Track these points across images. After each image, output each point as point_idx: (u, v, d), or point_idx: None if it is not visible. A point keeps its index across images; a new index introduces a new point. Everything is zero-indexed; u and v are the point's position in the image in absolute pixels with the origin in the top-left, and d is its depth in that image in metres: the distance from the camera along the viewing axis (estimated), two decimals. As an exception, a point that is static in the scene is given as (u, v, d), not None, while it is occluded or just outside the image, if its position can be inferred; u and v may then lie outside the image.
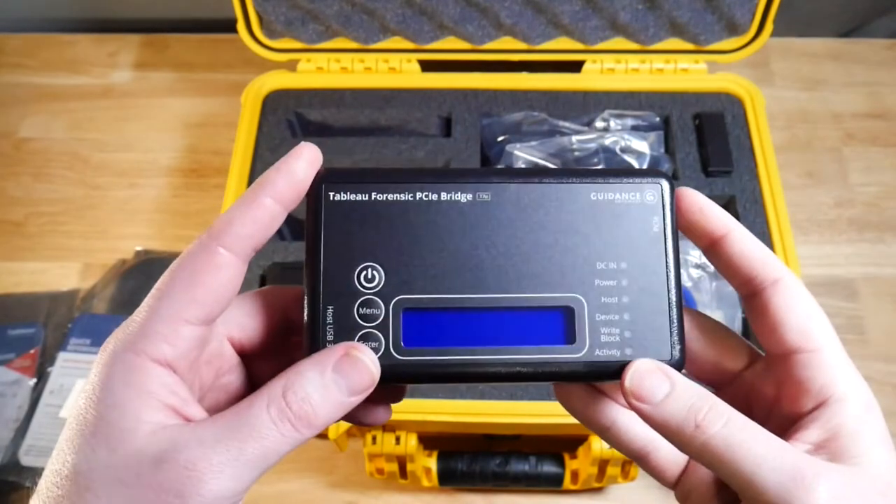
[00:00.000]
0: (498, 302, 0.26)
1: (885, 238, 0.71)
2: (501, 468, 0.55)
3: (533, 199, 0.26)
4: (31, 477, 0.56)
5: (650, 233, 0.27)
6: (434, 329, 0.26)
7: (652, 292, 0.26)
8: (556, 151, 0.65)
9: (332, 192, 0.26)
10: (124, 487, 0.22)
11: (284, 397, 0.23)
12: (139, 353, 0.23)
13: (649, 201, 0.27)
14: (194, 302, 0.24)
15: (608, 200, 0.27)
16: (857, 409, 0.25)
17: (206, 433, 0.23)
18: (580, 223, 0.26)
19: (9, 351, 0.63)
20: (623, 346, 0.26)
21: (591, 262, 0.26)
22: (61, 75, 0.83)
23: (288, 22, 0.65)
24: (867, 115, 0.78)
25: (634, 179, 0.27)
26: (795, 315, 0.26)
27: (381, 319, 0.26)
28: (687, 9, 0.64)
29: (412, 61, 0.67)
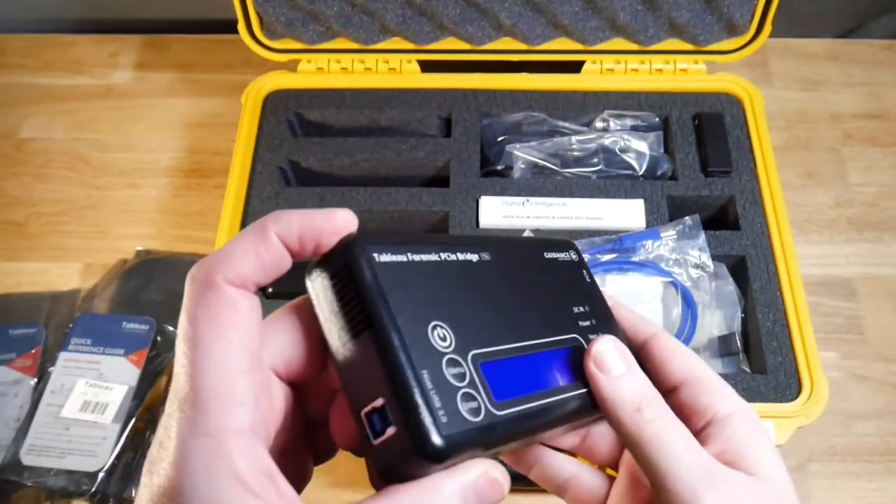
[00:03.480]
0: (539, 346, 0.28)
1: (884, 238, 0.71)
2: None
3: (516, 257, 0.30)
4: (32, 476, 0.56)
5: (585, 281, 0.33)
6: (511, 378, 0.26)
7: (607, 327, 0.32)
8: (555, 151, 0.65)
9: (376, 254, 0.24)
10: None
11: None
12: (213, 434, 0.21)
13: (574, 259, 0.33)
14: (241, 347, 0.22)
15: (555, 259, 0.32)
16: (743, 423, 0.28)
17: None
18: (549, 275, 0.31)
19: (10, 351, 0.63)
20: None
21: (569, 306, 0.31)
22: (62, 76, 0.83)
23: (288, 22, 0.65)
24: (866, 115, 0.78)
25: (557, 243, 0.33)
26: (675, 356, 0.30)
27: (469, 377, 0.24)
28: (686, 9, 0.64)
29: (412, 62, 0.67)
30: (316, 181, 0.65)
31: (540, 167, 0.64)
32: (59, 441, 0.57)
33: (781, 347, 0.54)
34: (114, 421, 0.58)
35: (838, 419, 0.62)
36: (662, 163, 0.64)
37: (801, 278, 0.56)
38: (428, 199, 0.61)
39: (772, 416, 0.51)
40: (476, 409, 0.23)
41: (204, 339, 0.21)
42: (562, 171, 0.64)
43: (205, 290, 0.22)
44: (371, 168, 0.65)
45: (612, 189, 0.62)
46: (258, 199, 0.61)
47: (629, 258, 0.58)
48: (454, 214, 0.60)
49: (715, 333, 0.58)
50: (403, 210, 0.61)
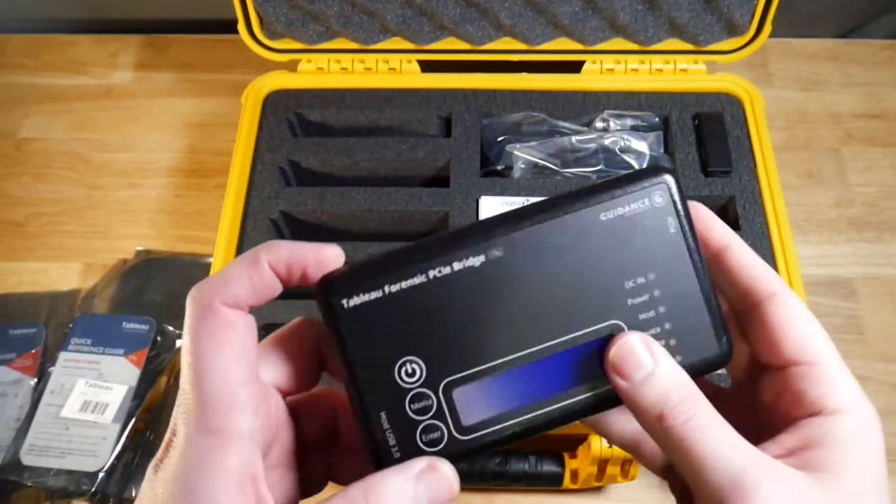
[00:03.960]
0: (542, 352, 0.26)
1: (884, 238, 0.71)
2: (501, 467, 0.55)
3: (546, 240, 0.25)
4: (32, 476, 0.56)
5: (668, 235, 0.26)
6: (488, 398, 0.25)
7: (686, 294, 0.26)
8: (555, 151, 0.65)
9: (343, 300, 0.25)
10: None
11: (366, 500, 0.23)
12: (214, 433, 0.23)
13: (659, 203, 0.26)
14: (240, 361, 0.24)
15: (619, 216, 0.26)
16: (846, 424, 0.25)
17: None
18: (598, 249, 0.26)
19: (10, 351, 0.63)
20: (670, 350, 0.26)
21: (619, 284, 0.26)
22: (62, 76, 0.83)
23: (288, 22, 0.66)
24: (866, 115, 0.78)
25: (638, 185, 0.26)
26: (793, 329, 0.26)
27: (436, 408, 0.25)
28: (686, 9, 0.64)
29: (412, 62, 0.67)
30: (316, 181, 0.65)
31: (540, 167, 0.64)
32: (59, 441, 0.57)
33: (781, 347, 0.54)
34: (114, 421, 0.58)
35: (838, 419, 0.62)
36: (662, 163, 0.64)
37: (801, 278, 0.56)
38: (428, 199, 0.61)
39: (772, 416, 0.51)
40: (437, 439, 0.25)
41: (206, 354, 0.24)
42: (562, 171, 0.64)
43: (205, 312, 0.24)
44: (371, 168, 0.65)
45: (612, 189, 0.62)
46: (258, 199, 0.61)
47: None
48: (454, 214, 0.60)
49: (715, 333, 0.58)
50: (403, 210, 0.61)
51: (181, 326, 0.63)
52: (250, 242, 0.59)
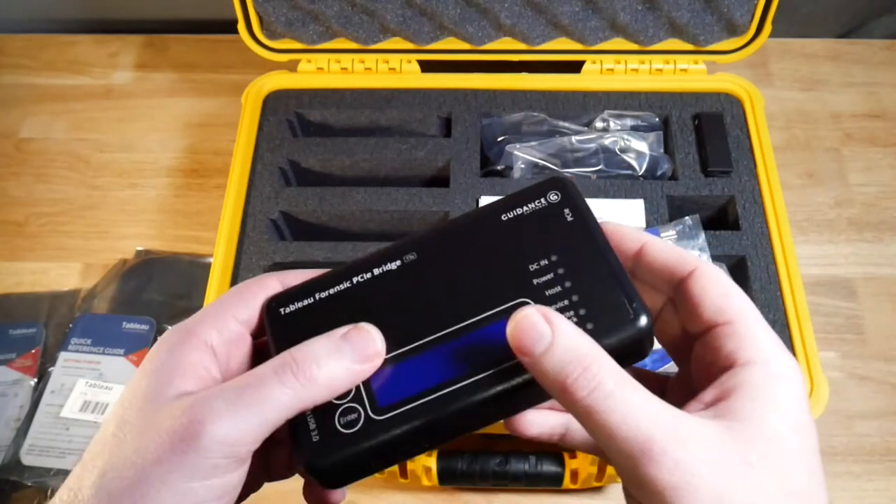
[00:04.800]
0: (452, 334, 0.27)
1: (884, 238, 0.71)
2: (501, 467, 0.55)
3: (454, 242, 0.28)
4: (32, 476, 0.56)
5: (566, 222, 0.28)
6: (404, 378, 0.26)
7: (592, 270, 0.27)
8: (555, 152, 0.65)
9: (281, 309, 0.29)
10: (142, 436, 0.25)
11: (292, 354, 0.26)
12: (191, 333, 0.27)
13: (554, 200, 0.28)
14: (244, 305, 0.29)
15: (518, 215, 0.28)
16: (758, 373, 0.25)
17: (215, 388, 0.25)
18: (501, 243, 0.28)
19: (10, 351, 0.63)
20: (582, 323, 0.26)
21: (522, 267, 0.27)
22: (62, 76, 0.83)
23: (288, 22, 0.66)
24: (866, 115, 0.78)
25: (535, 190, 0.29)
26: (711, 294, 0.27)
27: (354, 393, 0.26)
28: (686, 9, 0.64)
29: (412, 62, 0.67)
30: (316, 181, 0.65)
31: (540, 167, 0.64)
32: (59, 441, 0.57)
33: (781, 347, 0.54)
34: (114, 421, 0.58)
35: (838, 419, 0.62)
36: (662, 163, 0.64)
37: (801, 278, 0.56)
38: (428, 199, 0.61)
39: (772, 416, 0.51)
40: (354, 420, 0.26)
41: (231, 293, 0.30)
42: (562, 171, 0.64)
43: (254, 279, 0.30)
44: (371, 168, 0.65)
45: (612, 189, 0.62)
46: (258, 199, 0.61)
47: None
48: (454, 214, 0.60)
49: (715, 333, 0.58)
50: (403, 210, 0.61)
51: (181, 326, 0.63)
52: (250, 242, 0.59)
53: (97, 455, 0.25)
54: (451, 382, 0.26)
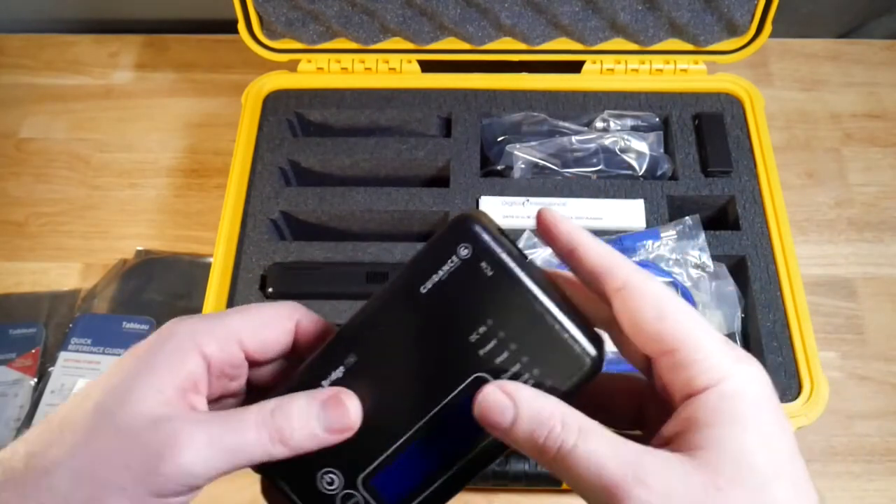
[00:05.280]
0: (428, 425, 0.27)
1: (884, 238, 0.71)
2: (501, 467, 0.55)
3: (386, 332, 0.27)
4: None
5: (487, 278, 0.26)
6: (400, 475, 0.27)
7: (531, 323, 0.26)
8: (555, 152, 0.65)
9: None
10: (117, 435, 0.25)
11: (272, 412, 0.26)
12: (194, 340, 0.27)
13: (465, 255, 0.26)
14: (257, 340, 0.28)
15: (436, 283, 0.27)
16: (713, 398, 0.24)
17: (200, 417, 0.26)
18: (432, 319, 0.27)
19: (10, 350, 0.63)
20: (540, 380, 0.26)
21: (464, 342, 0.27)
22: (62, 76, 0.83)
23: (288, 22, 0.66)
24: (866, 115, 0.78)
25: (442, 248, 0.27)
26: (642, 319, 0.25)
27: (364, 500, 0.28)
28: (686, 9, 0.64)
29: (412, 62, 0.67)
30: (316, 181, 0.65)
31: (540, 167, 0.64)
32: (59, 441, 0.57)
33: (781, 347, 0.54)
34: (114, 421, 0.58)
35: (838, 419, 0.62)
36: (662, 163, 0.64)
37: (801, 278, 0.56)
38: (428, 199, 0.61)
39: (772, 416, 0.51)
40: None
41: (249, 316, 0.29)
42: (562, 171, 0.64)
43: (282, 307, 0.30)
44: (371, 168, 0.65)
45: (612, 189, 0.62)
46: (258, 199, 0.61)
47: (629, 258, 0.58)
48: (454, 214, 0.60)
49: (715, 333, 0.58)
50: (403, 210, 0.61)
51: (181, 326, 0.63)
52: (250, 242, 0.59)
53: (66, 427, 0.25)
54: (443, 471, 0.27)
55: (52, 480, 0.24)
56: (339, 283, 0.58)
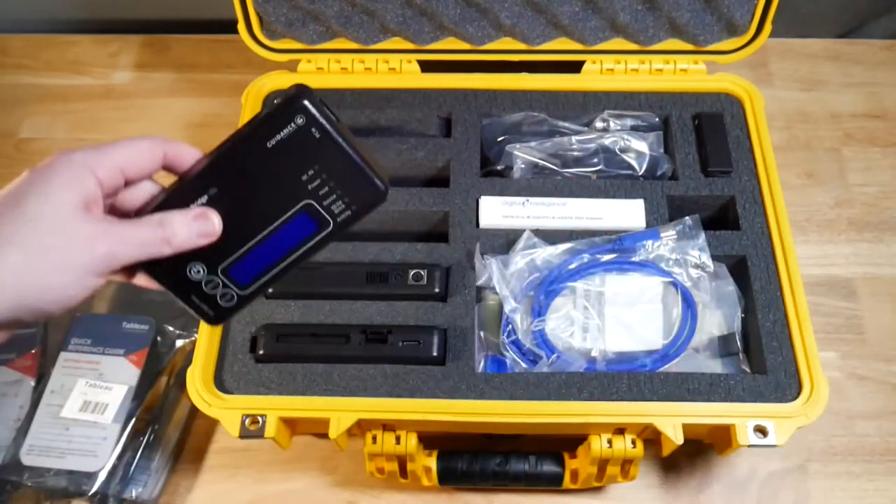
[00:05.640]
0: (274, 229, 0.40)
1: (884, 238, 0.71)
2: (501, 467, 0.55)
3: (242, 172, 0.38)
4: (32, 476, 0.56)
5: (315, 138, 0.38)
6: (248, 266, 0.40)
7: (343, 166, 0.39)
8: (555, 151, 0.65)
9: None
10: (50, 229, 0.34)
11: (160, 222, 0.37)
12: (89, 165, 0.36)
13: (301, 122, 0.38)
14: (135, 168, 0.38)
15: (279, 140, 0.38)
16: None
17: (111, 220, 0.36)
18: (277, 164, 0.38)
19: (10, 351, 0.63)
20: (349, 206, 0.39)
21: (299, 179, 0.39)
22: (63, 76, 0.83)
23: (288, 23, 0.66)
24: (866, 115, 0.78)
25: (283, 116, 0.37)
26: None
27: (222, 283, 0.40)
28: (686, 9, 0.64)
29: (412, 62, 0.67)
30: (316, 181, 0.65)
31: (540, 167, 0.64)
32: (59, 441, 0.57)
33: (781, 347, 0.54)
34: (114, 421, 0.58)
35: (838, 419, 0.62)
36: (662, 163, 0.64)
37: (801, 278, 0.56)
38: (428, 199, 0.61)
39: (772, 416, 0.51)
40: (230, 297, 0.41)
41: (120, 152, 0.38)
42: (562, 171, 0.64)
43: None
44: (371, 168, 0.65)
45: (612, 189, 0.62)
46: (258, 199, 0.61)
47: (629, 258, 0.58)
48: (454, 214, 0.60)
49: (715, 333, 0.58)
50: (403, 210, 0.61)
51: (181, 326, 0.63)
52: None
53: None
54: (280, 258, 0.40)
55: None
56: (339, 283, 0.58)
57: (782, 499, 0.59)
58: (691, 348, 0.56)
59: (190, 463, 0.62)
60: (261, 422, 0.52)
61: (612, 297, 0.57)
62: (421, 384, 0.54)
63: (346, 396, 0.53)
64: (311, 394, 0.54)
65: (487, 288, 0.58)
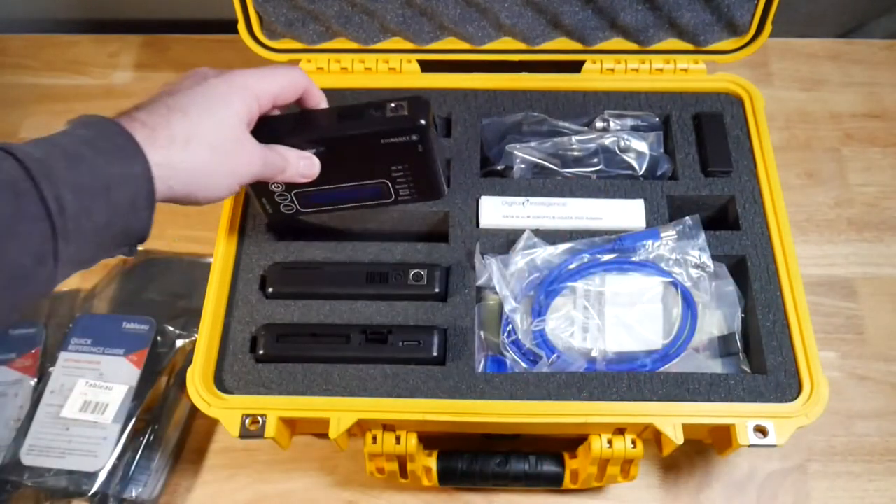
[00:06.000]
0: (350, 186, 0.53)
1: (884, 238, 0.71)
2: (501, 468, 0.55)
3: (352, 149, 0.51)
4: (32, 476, 0.56)
5: (418, 151, 0.51)
6: (317, 199, 0.54)
7: (425, 171, 0.52)
8: (555, 151, 0.65)
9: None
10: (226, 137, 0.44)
11: (284, 155, 0.48)
12: (254, 91, 0.46)
13: (414, 139, 0.50)
14: (282, 98, 0.48)
15: (391, 143, 0.50)
16: None
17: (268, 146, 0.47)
18: (379, 153, 0.51)
19: (10, 351, 0.63)
20: (412, 194, 0.55)
21: (389, 166, 0.52)
22: (62, 76, 0.83)
23: (288, 23, 0.66)
24: (866, 115, 0.78)
25: (404, 129, 0.49)
26: None
27: (292, 202, 0.55)
28: (686, 9, 0.64)
29: (412, 62, 0.67)
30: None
31: (540, 167, 0.64)
32: (59, 441, 0.57)
33: (781, 347, 0.54)
34: (114, 421, 0.58)
35: (838, 419, 0.62)
36: (662, 163, 0.64)
37: (801, 278, 0.56)
38: (428, 199, 0.61)
39: (772, 416, 0.51)
40: (291, 209, 0.55)
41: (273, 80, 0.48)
42: (562, 171, 0.64)
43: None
44: (371, 168, 0.65)
45: (612, 189, 0.62)
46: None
47: (629, 258, 0.58)
48: (454, 214, 0.60)
49: (715, 333, 0.58)
50: (403, 210, 0.61)
51: (181, 326, 0.63)
52: (250, 242, 0.59)
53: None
54: (342, 202, 0.55)
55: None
56: (339, 283, 0.58)
57: (782, 499, 0.59)
58: (691, 348, 0.56)
59: (190, 463, 0.62)
60: (261, 422, 0.52)
61: (612, 297, 0.57)
62: (421, 384, 0.54)
63: (346, 396, 0.53)
64: (311, 394, 0.54)
65: (487, 288, 0.58)
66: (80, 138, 0.36)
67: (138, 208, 0.38)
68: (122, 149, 0.37)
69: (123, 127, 0.38)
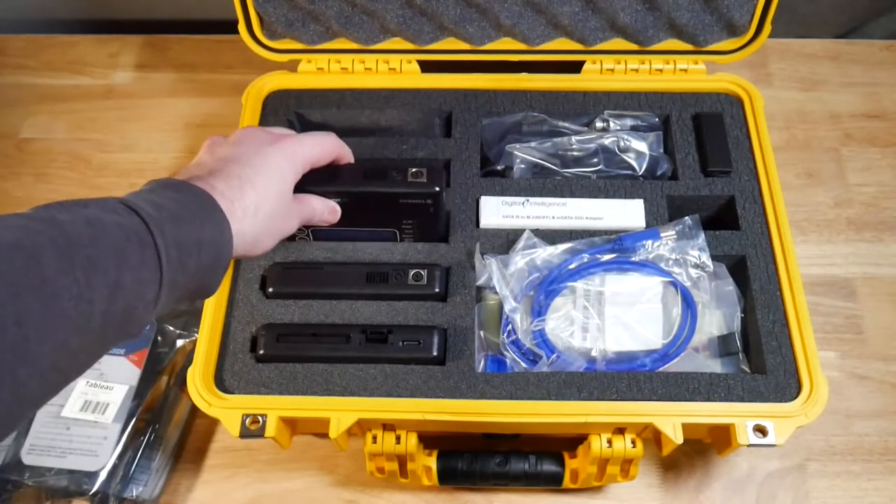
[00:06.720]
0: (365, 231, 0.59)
1: (884, 238, 0.71)
2: (501, 467, 0.56)
3: (370, 202, 0.56)
4: (33, 476, 0.56)
5: (429, 212, 0.56)
6: (326, 233, 0.59)
7: (431, 224, 0.58)
8: (555, 152, 0.65)
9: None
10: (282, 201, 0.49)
11: (313, 206, 0.53)
12: (304, 158, 0.50)
13: (429, 202, 0.56)
14: (320, 163, 0.53)
15: (408, 203, 0.56)
16: None
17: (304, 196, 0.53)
18: (394, 209, 0.56)
19: (10, 350, 0.63)
20: (416, 237, 0.59)
21: (400, 219, 0.57)
22: (63, 76, 0.83)
23: (288, 23, 0.66)
24: (865, 115, 0.78)
25: (421, 192, 0.55)
26: None
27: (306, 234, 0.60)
28: (686, 10, 0.64)
29: (412, 62, 0.68)
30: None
31: (540, 167, 0.64)
32: (59, 441, 0.57)
33: (781, 347, 0.54)
34: (114, 421, 0.58)
35: (838, 419, 0.62)
36: (662, 163, 0.64)
37: (800, 278, 0.56)
38: (428, 199, 0.61)
39: (772, 415, 0.51)
40: (305, 239, 0.60)
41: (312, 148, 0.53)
42: (562, 171, 0.64)
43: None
44: (371, 168, 0.65)
45: (612, 189, 0.62)
46: (258, 199, 0.61)
47: (629, 258, 0.58)
48: (454, 214, 0.60)
49: (715, 333, 0.58)
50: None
51: (181, 326, 0.63)
52: (251, 242, 0.59)
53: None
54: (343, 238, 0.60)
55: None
56: (339, 283, 0.58)
57: (781, 498, 0.59)
58: (691, 348, 0.56)
59: (190, 462, 0.62)
60: (261, 421, 0.52)
61: (611, 296, 0.57)
62: (421, 384, 0.54)
63: (346, 396, 0.53)
64: (312, 394, 0.54)
65: (487, 288, 0.58)
66: (176, 201, 0.40)
67: (217, 269, 0.42)
68: (211, 215, 0.42)
69: (212, 196, 0.42)
